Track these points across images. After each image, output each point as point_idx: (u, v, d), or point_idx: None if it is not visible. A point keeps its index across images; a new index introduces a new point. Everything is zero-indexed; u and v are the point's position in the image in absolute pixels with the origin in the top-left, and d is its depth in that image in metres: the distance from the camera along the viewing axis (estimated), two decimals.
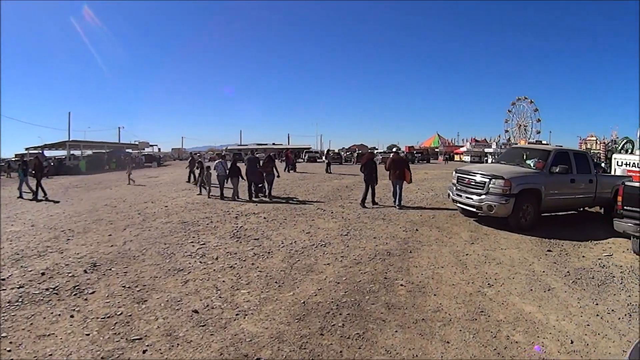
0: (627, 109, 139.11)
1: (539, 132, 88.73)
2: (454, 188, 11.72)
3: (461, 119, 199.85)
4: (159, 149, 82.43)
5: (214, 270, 7.36)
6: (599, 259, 8.70)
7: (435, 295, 6.51)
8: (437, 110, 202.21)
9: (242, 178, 16.06)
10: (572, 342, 5.18)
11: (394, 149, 17.60)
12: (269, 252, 8.40)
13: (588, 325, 5.65)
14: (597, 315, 6.00)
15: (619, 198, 8.53)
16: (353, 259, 8.08)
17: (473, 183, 10.97)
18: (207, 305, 5.90)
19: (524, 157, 12.15)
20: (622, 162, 14.86)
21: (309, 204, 14.93)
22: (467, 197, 10.98)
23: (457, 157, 78.59)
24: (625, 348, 5.04)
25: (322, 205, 14.40)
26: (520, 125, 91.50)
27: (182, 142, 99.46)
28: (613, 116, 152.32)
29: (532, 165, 11.41)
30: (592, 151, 61.98)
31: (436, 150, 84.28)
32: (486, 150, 75.37)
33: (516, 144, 78.81)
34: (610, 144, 61.47)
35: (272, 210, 13.24)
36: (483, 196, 10.51)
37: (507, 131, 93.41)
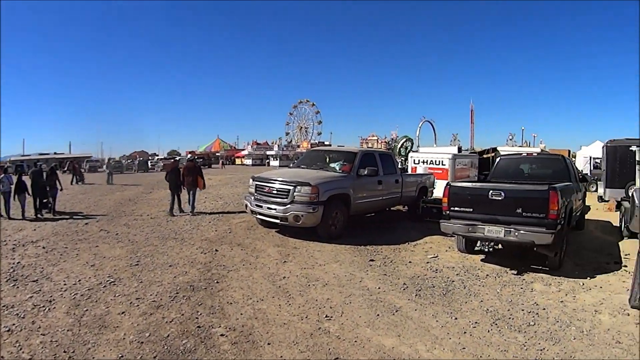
0: (407, 109, 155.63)
1: (319, 134, 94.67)
2: (252, 198, 10.07)
3: (241, 122, 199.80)
4: None
5: None
6: (427, 262, 7.93)
7: (269, 344, 4.58)
8: (217, 113, 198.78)
9: (29, 194, 14.01)
10: None
11: (189, 156, 15.94)
12: (50, 301, 6.03)
13: (464, 348, 4.67)
14: (465, 332, 5.06)
15: (445, 199, 8.03)
16: (152, 300, 5.96)
17: (275, 191, 9.47)
18: None
19: (327, 160, 11.24)
20: (419, 160, 15.28)
21: (91, 222, 12.16)
22: (268, 208, 9.44)
23: (238, 161, 77.85)
24: None
25: (106, 225, 11.72)
26: (302, 127, 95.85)
27: None
28: (394, 116, 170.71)
29: (337, 168, 10.49)
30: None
31: (217, 154, 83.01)
32: (268, 153, 76.50)
33: (298, 145, 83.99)
34: (391, 142, 67.52)
35: (51, 236, 10.25)
36: (288, 206, 9.10)
37: (287, 133, 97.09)
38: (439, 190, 13.51)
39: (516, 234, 7.04)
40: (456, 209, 7.76)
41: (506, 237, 7.17)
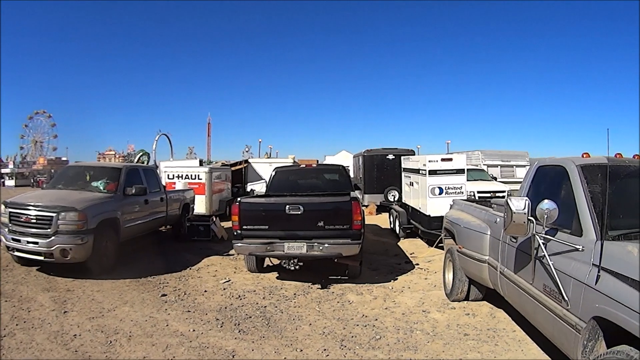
0: (142, 122, 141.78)
1: (55, 149, 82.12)
2: (7, 230, 7.54)
3: None
4: None
5: None
6: (224, 289, 6.96)
7: None
8: None
9: None
10: None
11: None
12: None
13: None
14: None
15: (235, 217, 7.10)
16: None
17: (34, 220, 7.29)
18: None
19: (88, 177, 9.06)
20: (174, 175, 13.75)
21: None
22: (28, 242, 7.23)
23: None
24: None
25: None
26: (37, 142, 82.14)
27: None
28: (130, 130, 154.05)
29: (101, 187, 8.56)
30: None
31: None
32: (3, 171, 63.00)
33: (34, 162, 73.87)
34: (127, 156, 66.84)
35: None
36: (52, 238, 7.06)
37: (22, 148, 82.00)
38: (199, 207, 12.53)
39: (320, 247, 6.73)
40: (249, 227, 6.99)
41: (309, 252, 6.80)
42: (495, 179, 16.31)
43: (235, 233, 7.09)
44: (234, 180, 18.76)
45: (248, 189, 20.20)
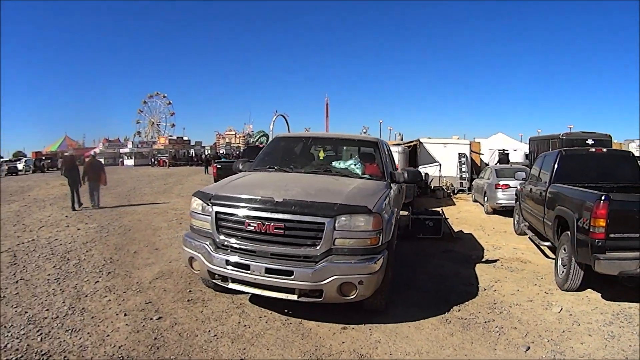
0: (260, 102, 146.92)
1: (173, 126, 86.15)
2: (210, 245, 4.44)
3: (89, 119, 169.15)
4: None
5: None
6: (576, 323, 4.85)
7: None
8: (64, 109, 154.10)
9: None
10: None
11: (92, 152, 11.94)
12: None
13: None
14: None
15: (601, 222, 5.00)
16: None
17: (280, 231, 4.15)
18: None
19: (321, 154, 6.32)
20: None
21: None
22: (268, 271, 4.13)
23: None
24: None
25: None
26: (154, 123, 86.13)
27: None
28: (247, 110, 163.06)
29: (358, 170, 5.61)
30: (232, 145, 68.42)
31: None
32: (122, 150, 66.90)
33: (154, 142, 74.30)
34: (246, 137, 69.77)
35: None
36: (322, 263, 4.04)
37: (139, 122, 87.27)
38: None
39: None
40: (620, 235, 4.98)
41: None
42: None
43: (596, 243, 5.01)
44: (411, 161, 16.45)
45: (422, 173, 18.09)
